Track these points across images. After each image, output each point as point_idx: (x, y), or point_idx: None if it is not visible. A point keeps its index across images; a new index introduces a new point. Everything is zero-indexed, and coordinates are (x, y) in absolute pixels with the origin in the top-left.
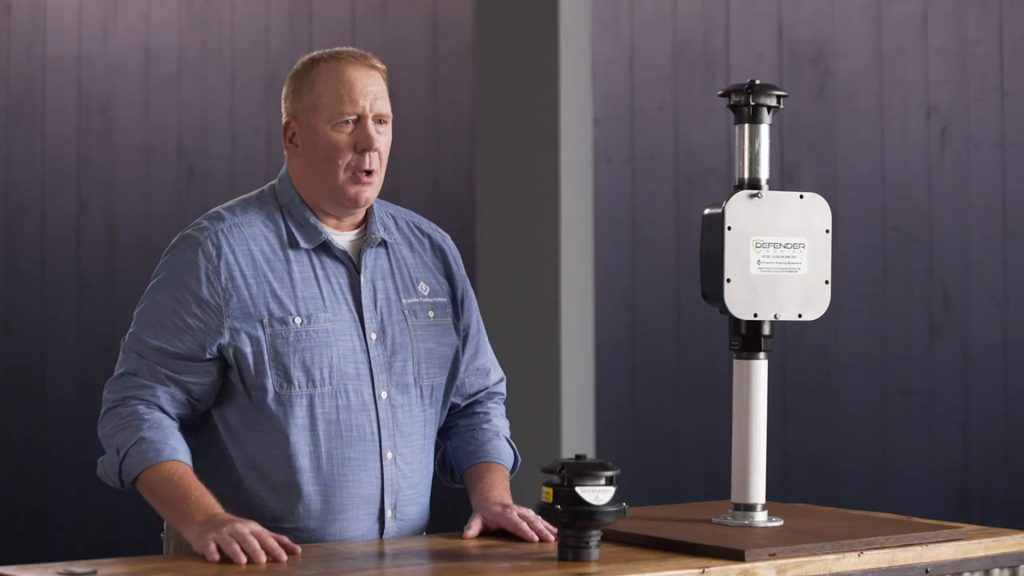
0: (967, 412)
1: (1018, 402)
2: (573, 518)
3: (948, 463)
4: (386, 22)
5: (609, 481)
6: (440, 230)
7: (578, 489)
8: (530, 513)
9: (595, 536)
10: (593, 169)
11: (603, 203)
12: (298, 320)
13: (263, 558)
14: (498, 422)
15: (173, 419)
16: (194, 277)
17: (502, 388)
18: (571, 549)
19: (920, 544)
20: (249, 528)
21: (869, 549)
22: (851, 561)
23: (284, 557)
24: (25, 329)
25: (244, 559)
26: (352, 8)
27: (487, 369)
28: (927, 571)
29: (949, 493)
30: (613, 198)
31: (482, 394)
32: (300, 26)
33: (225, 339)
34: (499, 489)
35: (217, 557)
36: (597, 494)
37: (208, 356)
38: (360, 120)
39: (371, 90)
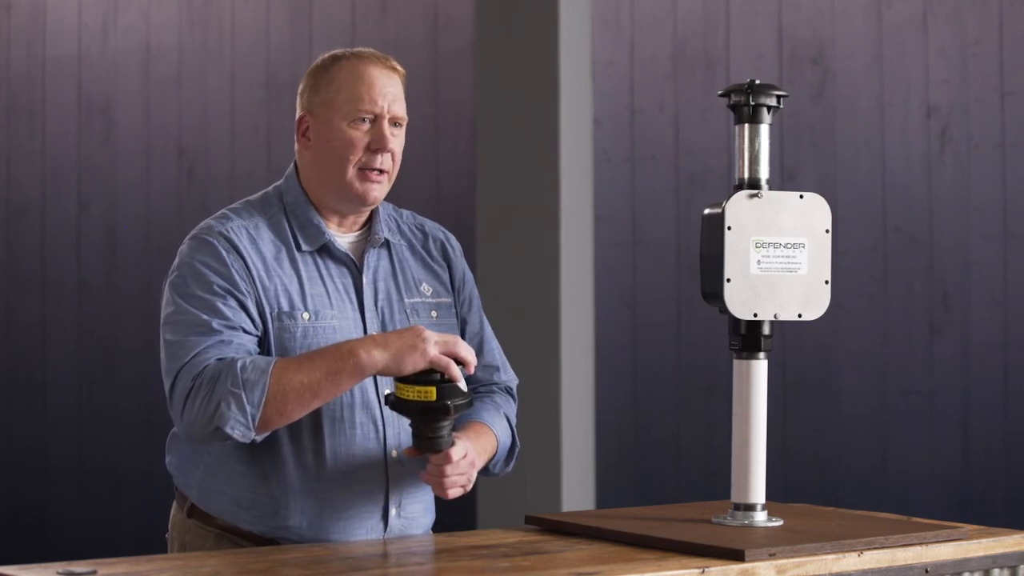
0: (967, 412)
1: (1018, 402)
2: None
3: (948, 463)
4: (386, 22)
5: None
6: (443, 229)
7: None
8: (468, 471)
9: (446, 426)
10: (593, 169)
11: (603, 202)
12: (306, 316)
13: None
14: (500, 400)
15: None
16: (217, 260)
17: (514, 388)
18: (423, 440)
19: (920, 544)
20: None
21: (869, 549)
22: (851, 561)
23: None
24: (25, 329)
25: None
26: (352, 8)
27: (494, 366)
28: (927, 571)
29: (949, 493)
30: (613, 198)
31: (487, 386)
32: (300, 26)
33: (252, 313)
34: (472, 438)
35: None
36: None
37: (256, 325)
38: (376, 120)
39: (390, 91)
